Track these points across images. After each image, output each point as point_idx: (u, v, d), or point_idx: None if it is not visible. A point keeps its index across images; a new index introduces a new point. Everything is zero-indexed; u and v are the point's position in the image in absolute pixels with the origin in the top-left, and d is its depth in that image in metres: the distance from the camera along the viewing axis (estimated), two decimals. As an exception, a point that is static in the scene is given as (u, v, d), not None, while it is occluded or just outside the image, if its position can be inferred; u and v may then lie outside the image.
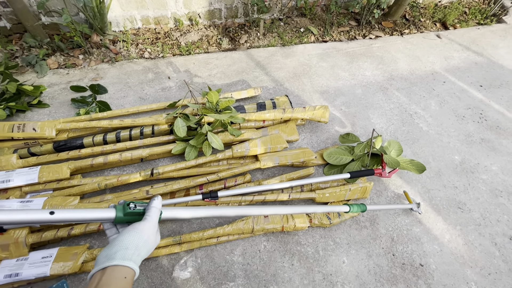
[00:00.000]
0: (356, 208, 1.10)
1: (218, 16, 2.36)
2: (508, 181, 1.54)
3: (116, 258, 0.47)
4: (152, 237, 0.54)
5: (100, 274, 0.46)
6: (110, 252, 0.48)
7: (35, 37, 1.79)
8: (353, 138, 1.54)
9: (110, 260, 0.46)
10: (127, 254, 0.48)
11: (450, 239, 1.31)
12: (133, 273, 0.48)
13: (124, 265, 0.47)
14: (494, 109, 1.94)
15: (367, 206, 1.13)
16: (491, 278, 1.20)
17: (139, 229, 0.52)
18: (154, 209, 0.57)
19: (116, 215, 0.55)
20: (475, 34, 2.65)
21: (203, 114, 1.39)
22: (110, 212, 0.55)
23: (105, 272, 0.45)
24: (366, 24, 2.59)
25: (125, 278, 0.46)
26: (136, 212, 0.57)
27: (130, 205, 0.57)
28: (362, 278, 1.17)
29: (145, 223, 0.54)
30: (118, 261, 0.46)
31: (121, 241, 0.50)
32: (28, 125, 1.32)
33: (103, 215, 0.54)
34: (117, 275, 0.46)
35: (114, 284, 0.44)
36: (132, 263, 0.48)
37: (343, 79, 2.05)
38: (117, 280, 0.45)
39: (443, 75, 2.17)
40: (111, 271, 0.46)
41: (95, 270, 0.47)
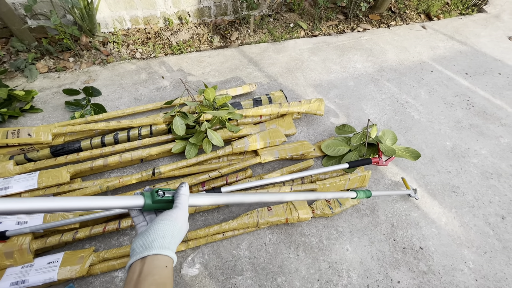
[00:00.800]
0: (362, 194, 1.12)
1: (208, 14, 2.35)
2: (497, 163, 1.61)
3: (155, 247, 0.46)
4: (185, 224, 0.54)
5: (140, 264, 0.45)
6: (147, 241, 0.47)
7: (23, 41, 1.74)
8: (349, 129, 1.58)
9: (149, 249, 0.46)
10: (165, 243, 0.47)
11: (447, 222, 1.36)
12: (172, 261, 0.48)
13: (163, 254, 0.46)
14: (480, 96, 2.02)
15: (371, 192, 1.16)
16: (487, 257, 1.26)
17: (173, 217, 0.51)
18: (183, 196, 0.56)
19: (145, 203, 0.53)
20: (458, 24, 2.73)
21: (202, 111, 1.39)
22: (139, 199, 0.53)
23: (146, 262, 0.45)
24: (354, 17, 2.64)
25: (166, 267, 0.46)
26: (164, 199, 0.55)
27: (158, 192, 0.55)
28: (366, 264, 1.21)
29: (177, 211, 0.53)
30: (157, 250, 0.46)
31: (157, 229, 0.49)
32: (23, 130, 1.29)
33: (131, 202, 0.53)
34: (159, 264, 0.45)
35: (158, 273, 0.44)
36: (170, 252, 0.47)
37: (335, 72, 2.08)
38: (159, 269, 0.45)
39: (430, 65, 2.24)
40: (152, 260, 0.45)
41: (134, 259, 0.46)
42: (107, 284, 1.08)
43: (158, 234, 0.48)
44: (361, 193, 1.12)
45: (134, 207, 0.53)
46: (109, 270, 1.09)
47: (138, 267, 0.45)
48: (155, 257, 0.45)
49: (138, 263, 0.45)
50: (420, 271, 1.20)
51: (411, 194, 1.38)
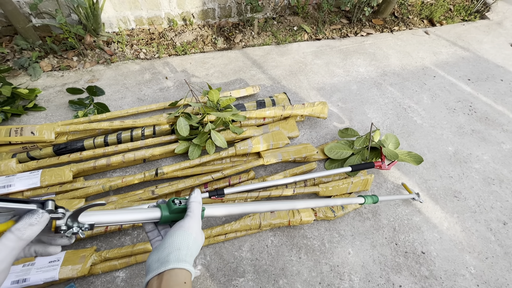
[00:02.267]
0: (370, 200, 1.13)
1: (212, 16, 2.36)
2: (499, 169, 1.61)
3: (171, 261, 0.43)
4: (200, 233, 0.51)
5: (157, 281, 0.42)
6: (162, 255, 0.45)
7: (27, 39, 1.75)
8: (352, 132, 1.58)
9: (165, 264, 0.43)
10: (181, 255, 0.45)
11: (449, 227, 1.36)
12: (190, 275, 0.45)
13: (180, 268, 0.43)
14: (483, 101, 2.02)
15: (378, 197, 1.16)
16: (488, 262, 1.26)
17: (186, 227, 0.49)
18: (194, 204, 0.53)
19: (162, 214, 0.52)
20: (460, 30, 2.75)
21: (206, 113, 1.39)
22: (155, 212, 0.52)
23: (163, 278, 0.42)
24: (357, 21, 2.65)
25: (184, 284, 0.43)
26: (181, 208, 0.53)
27: (175, 201, 0.53)
28: (368, 267, 1.20)
29: (189, 219, 0.50)
30: (174, 264, 0.43)
31: (172, 242, 0.46)
32: (26, 128, 1.29)
33: (147, 215, 0.51)
34: (177, 280, 0.42)
35: None
36: (187, 265, 0.44)
37: (338, 76, 2.09)
38: (178, 286, 0.42)
39: (433, 70, 2.24)
40: (169, 276, 0.42)
41: (150, 276, 0.43)
42: (108, 284, 1.07)
43: (173, 247, 0.45)
44: (368, 198, 1.12)
45: (150, 220, 0.52)
46: (111, 270, 1.08)
47: (155, 284, 0.42)
48: (172, 272, 0.43)
49: (155, 280, 0.43)
50: (422, 276, 1.20)
51: (415, 198, 1.38)
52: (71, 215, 0.45)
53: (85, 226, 0.46)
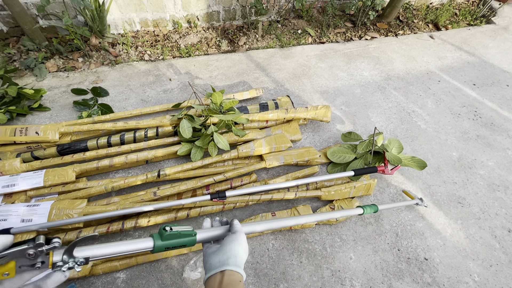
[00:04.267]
0: (369, 210, 1.12)
1: (217, 19, 2.38)
2: (504, 175, 1.59)
3: (231, 264, 0.55)
4: (247, 245, 0.62)
5: (220, 276, 0.53)
6: (222, 258, 0.56)
7: (33, 40, 1.77)
8: (355, 136, 1.57)
9: (226, 265, 0.54)
10: (238, 261, 0.56)
11: (452, 233, 1.34)
12: (243, 278, 0.56)
13: (237, 271, 0.55)
14: (488, 107, 2.00)
15: (378, 206, 1.15)
16: (492, 270, 1.24)
17: (239, 240, 0.61)
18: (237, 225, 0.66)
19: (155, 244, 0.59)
20: (466, 35, 2.73)
21: (209, 115, 1.40)
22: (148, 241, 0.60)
23: (225, 274, 0.53)
24: (362, 25, 2.65)
25: (240, 282, 0.54)
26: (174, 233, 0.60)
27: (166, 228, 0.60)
28: (370, 273, 1.19)
29: (240, 234, 0.62)
30: (233, 267, 0.55)
31: (230, 249, 0.58)
32: (31, 128, 1.30)
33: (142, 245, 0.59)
34: (235, 278, 0.53)
35: (235, 286, 0.52)
36: (242, 270, 0.56)
37: (342, 79, 2.08)
38: (236, 283, 0.53)
39: (438, 75, 2.23)
40: (230, 275, 0.53)
41: (214, 271, 0.54)
42: (108, 285, 1.07)
43: (231, 253, 0.57)
44: (367, 209, 1.11)
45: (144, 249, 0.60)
46: (111, 271, 1.09)
47: (218, 278, 0.53)
48: (231, 272, 0.54)
49: (218, 275, 0.54)
50: (425, 283, 1.18)
51: (419, 203, 1.37)
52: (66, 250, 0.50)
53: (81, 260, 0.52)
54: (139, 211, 1.05)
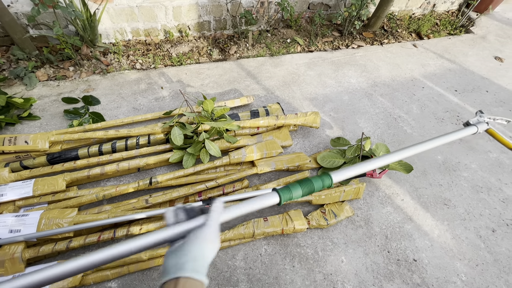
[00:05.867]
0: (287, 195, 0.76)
1: (208, 28, 2.42)
2: (487, 177, 1.66)
3: (187, 270, 0.47)
4: (216, 242, 0.53)
5: (173, 284, 0.45)
6: (179, 262, 0.48)
7: (23, 50, 1.77)
8: (344, 141, 1.61)
9: (182, 271, 0.47)
10: (197, 266, 0.48)
11: (439, 234, 1.38)
12: (204, 286, 0.48)
13: (195, 279, 0.46)
14: (469, 112, 2.09)
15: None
16: (478, 269, 1.28)
17: (203, 238, 0.51)
18: (214, 213, 0.55)
19: None
20: (447, 43, 2.86)
21: (200, 122, 1.42)
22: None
23: (179, 283, 0.45)
24: (348, 34, 2.74)
25: None
26: None
27: None
28: (361, 275, 1.21)
29: (207, 229, 0.52)
30: (190, 273, 0.46)
31: (189, 251, 0.49)
32: (20, 138, 1.29)
33: None
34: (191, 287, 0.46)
35: None
36: (202, 276, 0.48)
37: (330, 87, 2.14)
38: None
39: (421, 81, 2.32)
40: (184, 282, 0.46)
41: (167, 278, 0.47)
42: (99, 295, 1.06)
43: (190, 256, 0.48)
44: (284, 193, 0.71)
45: None
46: (103, 281, 1.07)
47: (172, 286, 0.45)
48: (188, 280, 0.46)
49: (172, 283, 0.46)
50: (414, 283, 1.21)
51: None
52: None
53: None
54: (131, 219, 1.05)
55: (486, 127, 1.02)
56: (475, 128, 0.99)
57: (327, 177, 0.71)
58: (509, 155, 1.80)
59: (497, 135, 1.06)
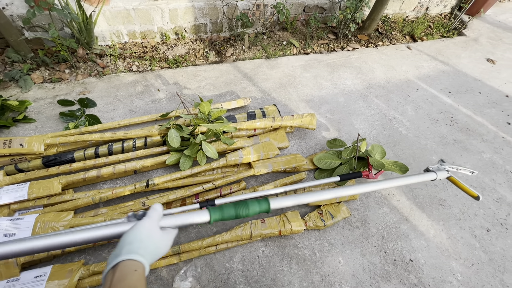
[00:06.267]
0: None
1: (204, 31, 2.43)
2: (481, 177, 1.68)
3: (122, 254, 0.48)
4: (156, 233, 0.55)
5: (111, 273, 0.46)
6: (116, 251, 0.49)
7: (19, 52, 1.75)
8: (340, 143, 1.62)
9: (117, 257, 0.47)
10: (132, 248, 0.49)
11: (435, 234, 1.39)
12: (142, 266, 0.48)
13: (131, 259, 0.47)
14: (463, 113, 2.12)
15: None
16: (474, 269, 1.29)
17: (139, 225, 0.54)
18: (151, 210, 0.60)
19: None
20: (440, 46, 2.90)
21: (197, 124, 1.42)
22: None
23: (116, 270, 0.46)
24: (344, 37, 2.77)
25: (135, 271, 0.46)
26: None
27: None
28: (358, 276, 1.22)
29: (144, 220, 0.56)
30: (124, 256, 0.47)
31: (124, 239, 0.51)
32: (15, 140, 1.28)
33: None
34: (127, 269, 0.46)
35: (128, 278, 0.44)
36: (138, 256, 0.48)
37: (326, 88, 2.16)
38: (128, 275, 0.45)
39: (416, 83, 2.35)
40: (122, 267, 0.46)
41: (105, 271, 0.47)
42: (96, 299, 1.05)
43: (126, 242, 0.50)
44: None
45: None
46: (99, 285, 1.06)
47: (109, 277, 0.46)
48: (123, 263, 0.46)
49: (110, 273, 0.46)
50: (411, 284, 1.22)
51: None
52: None
53: None
54: (127, 221, 1.04)
55: (447, 175, 1.06)
56: (434, 175, 1.04)
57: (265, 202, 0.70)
58: (502, 156, 1.83)
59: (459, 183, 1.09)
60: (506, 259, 1.33)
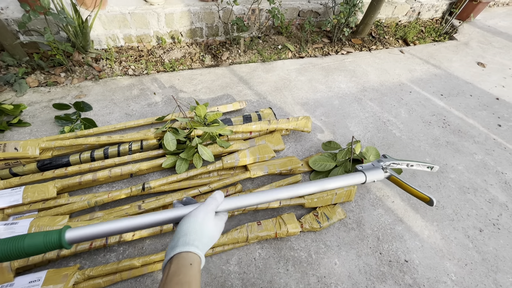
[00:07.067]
0: None
1: (200, 35, 2.45)
2: (473, 178, 1.71)
3: (179, 246, 0.47)
4: (210, 222, 0.53)
5: (168, 266, 0.46)
6: (173, 243, 0.49)
7: (14, 56, 1.75)
8: (335, 145, 1.64)
9: (174, 249, 0.47)
10: (188, 240, 0.48)
11: (429, 235, 1.41)
12: (198, 259, 0.47)
13: (186, 251, 0.46)
14: (455, 115, 2.16)
15: None
16: (468, 269, 1.31)
17: (192, 214, 0.52)
18: (210, 198, 0.57)
19: None
20: (432, 50, 2.96)
21: (193, 127, 1.43)
22: None
23: (172, 262, 0.46)
24: (338, 41, 2.81)
25: (190, 265, 0.45)
26: None
27: None
28: (354, 277, 1.23)
29: (198, 208, 0.54)
30: (180, 248, 0.46)
31: (180, 229, 0.50)
32: (9, 144, 1.27)
33: None
34: (183, 262, 0.45)
35: (182, 272, 0.44)
36: (194, 248, 0.47)
37: (321, 92, 2.19)
38: (184, 268, 0.44)
39: (409, 86, 2.39)
40: (177, 260, 0.46)
41: (164, 262, 0.47)
42: (91, 304, 1.04)
43: (181, 233, 0.49)
44: None
45: None
46: (94, 289, 1.05)
47: (166, 269, 0.46)
48: (179, 255, 0.46)
49: (167, 265, 0.46)
50: (406, 284, 1.23)
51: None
52: None
53: None
54: (123, 224, 1.04)
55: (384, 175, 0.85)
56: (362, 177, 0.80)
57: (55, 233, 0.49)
58: (494, 157, 1.86)
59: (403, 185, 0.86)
60: (498, 259, 1.35)
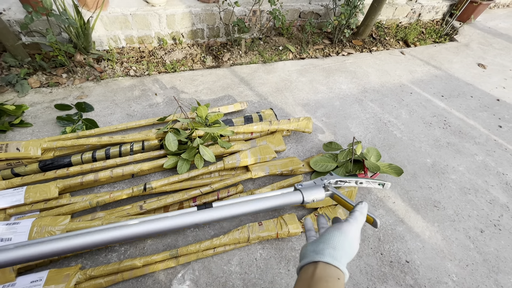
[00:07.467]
0: None
1: (201, 36, 2.46)
2: (474, 179, 1.71)
3: (326, 255, 0.45)
4: (356, 241, 0.51)
5: (312, 267, 0.44)
6: (317, 248, 0.47)
7: (16, 57, 1.76)
8: (336, 146, 1.65)
9: (320, 255, 0.45)
10: (336, 255, 0.46)
11: (430, 236, 1.41)
12: (344, 276, 0.45)
13: (335, 266, 0.45)
14: (456, 116, 2.17)
15: None
16: (469, 269, 1.31)
17: (343, 230, 0.50)
18: (358, 213, 0.55)
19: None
20: (432, 51, 2.97)
21: (194, 128, 1.43)
22: None
23: (318, 266, 0.44)
24: (339, 42, 2.82)
25: (338, 280, 0.43)
26: None
27: None
28: (355, 278, 1.23)
29: (349, 225, 0.52)
30: (328, 259, 0.45)
31: (328, 239, 0.48)
32: (11, 145, 1.28)
33: None
34: (331, 273, 0.44)
35: (331, 282, 0.42)
36: (342, 266, 0.45)
37: (322, 93, 2.19)
38: (332, 279, 0.43)
39: (409, 87, 2.40)
40: (324, 267, 0.44)
41: (306, 261, 0.46)
42: (93, 304, 1.04)
43: (329, 244, 0.47)
44: None
45: None
46: (96, 289, 1.06)
47: (310, 269, 0.45)
48: (327, 265, 0.45)
49: (310, 265, 0.45)
50: (407, 285, 1.23)
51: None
52: None
53: None
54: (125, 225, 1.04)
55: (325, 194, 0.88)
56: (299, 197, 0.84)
57: None
58: (494, 158, 1.86)
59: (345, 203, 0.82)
60: (500, 259, 1.35)
